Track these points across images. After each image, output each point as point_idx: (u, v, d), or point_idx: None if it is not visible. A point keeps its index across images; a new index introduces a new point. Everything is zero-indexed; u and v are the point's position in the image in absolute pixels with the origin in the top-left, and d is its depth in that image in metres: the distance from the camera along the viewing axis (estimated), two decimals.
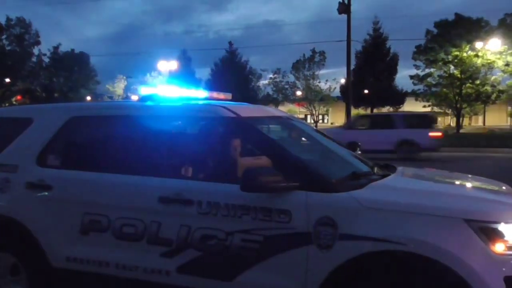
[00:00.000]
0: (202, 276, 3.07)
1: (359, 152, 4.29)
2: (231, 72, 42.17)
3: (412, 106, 60.08)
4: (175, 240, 3.10)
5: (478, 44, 35.55)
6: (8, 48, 47.78)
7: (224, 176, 3.24)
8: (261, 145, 3.23)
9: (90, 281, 3.42)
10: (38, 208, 3.49)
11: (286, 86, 48.78)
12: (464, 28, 38.47)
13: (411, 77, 42.86)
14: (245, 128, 3.30)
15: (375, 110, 46.91)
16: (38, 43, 49.33)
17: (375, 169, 3.63)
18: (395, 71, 43.74)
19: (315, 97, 47.18)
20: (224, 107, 3.39)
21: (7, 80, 46.09)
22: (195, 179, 3.32)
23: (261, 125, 3.45)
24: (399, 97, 44.11)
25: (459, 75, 39.48)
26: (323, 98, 47.74)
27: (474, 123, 69.85)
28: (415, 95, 44.64)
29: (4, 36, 47.67)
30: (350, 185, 2.93)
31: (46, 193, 3.49)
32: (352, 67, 28.21)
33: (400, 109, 50.19)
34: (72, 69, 51.35)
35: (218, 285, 3.03)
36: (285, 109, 46.40)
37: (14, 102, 47.34)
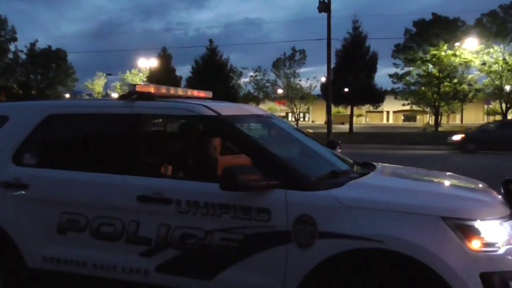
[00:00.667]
0: (181, 275, 3.05)
1: (339, 151, 4.31)
2: (211, 70, 41.95)
3: (391, 105, 60.93)
4: (154, 239, 3.08)
5: (456, 43, 36.20)
6: None
7: (204, 174, 3.22)
8: (241, 144, 3.21)
9: (67, 281, 3.37)
10: (14, 207, 3.42)
11: (267, 84, 48.86)
12: (441, 27, 39.16)
13: (390, 75, 43.42)
14: (225, 126, 3.29)
15: (355, 108, 47.41)
16: (14, 39, 48.25)
17: (355, 167, 3.67)
18: (374, 70, 44.14)
19: (295, 95, 47.36)
20: (205, 106, 3.37)
21: None
22: (175, 178, 3.30)
23: (242, 124, 3.44)
24: (378, 96, 44.58)
25: (437, 74, 40.18)
26: (304, 96, 47.97)
27: (452, 121, 71.21)
28: (394, 93, 45.23)
29: None
30: (329, 184, 2.94)
31: (22, 192, 3.42)
32: (332, 65, 28.39)
33: (380, 107, 50.90)
34: (49, 66, 50.32)
35: (198, 284, 3.02)
36: (266, 107, 46.55)
37: None
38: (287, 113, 54.76)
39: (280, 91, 48.32)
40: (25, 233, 3.40)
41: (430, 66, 40.63)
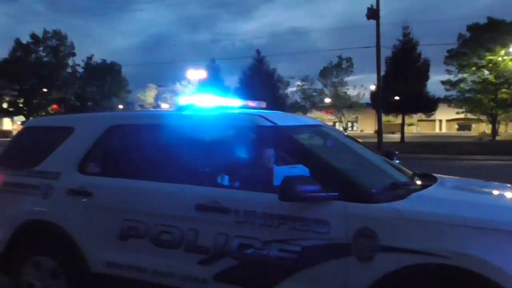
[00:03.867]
0: (238, 285, 3.06)
1: (397, 161, 4.19)
2: (259, 80, 42.28)
3: (444, 113, 58.81)
4: (212, 248, 3.11)
5: None
6: (45, 59, 49.58)
7: (261, 185, 3.22)
8: (298, 154, 3.20)
9: (128, 287, 3.46)
10: (79, 214, 3.57)
11: (314, 93, 48.61)
12: (497, 31, 37.44)
13: (443, 82, 42.00)
14: (282, 137, 3.29)
15: (406, 117, 46.12)
16: (73, 54, 51.02)
17: (415, 179, 3.55)
18: (426, 77, 42.80)
19: (343, 104, 46.78)
20: (261, 116, 3.39)
21: (44, 89, 47.78)
22: (232, 188, 3.33)
23: (298, 134, 3.43)
24: (431, 104, 43.14)
25: (493, 80, 38.41)
26: (352, 105, 47.30)
27: (511, 130, 67.68)
28: (448, 101, 43.65)
29: (41, 48, 49.52)
30: (391, 196, 2.87)
31: (87, 200, 3.56)
32: (381, 73, 27.81)
33: (432, 116, 49.24)
34: (104, 79, 52.69)
35: None
36: (313, 116, 46.19)
37: (50, 111, 48.94)
38: (334, 123, 54.04)
39: (327, 100, 47.92)
40: (89, 238, 3.53)
41: (486, 72, 38.94)
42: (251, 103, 4.12)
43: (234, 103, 3.94)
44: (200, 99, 3.70)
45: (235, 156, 3.53)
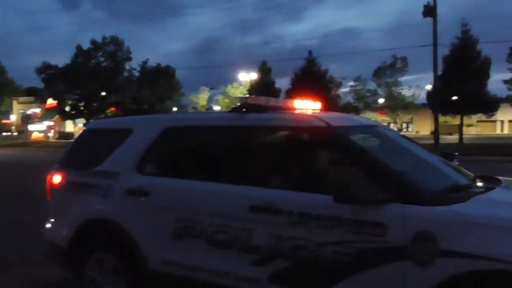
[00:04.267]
0: (292, 286, 3.05)
1: (457, 163, 4.01)
2: (310, 81, 41.99)
3: (506, 113, 55.68)
4: (266, 248, 3.12)
5: None
6: (103, 64, 51.97)
7: (315, 186, 3.20)
8: (353, 156, 3.14)
9: (184, 285, 3.53)
10: (138, 212, 3.69)
11: (367, 94, 47.68)
12: None
13: (505, 81, 39.80)
14: (337, 138, 3.24)
15: (464, 118, 44.13)
16: (129, 59, 53.07)
17: (477, 181, 3.39)
18: (487, 76, 40.68)
19: (397, 105, 45.54)
20: (316, 117, 3.36)
21: (103, 93, 50.08)
22: (286, 189, 3.32)
23: (353, 135, 3.37)
24: (492, 104, 40.94)
25: None
26: (406, 106, 45.95)
27: None
28: (510, 101, 41.34)
29: (100, 54, 51.96)
30: (452, 198, 2.76)
31: (145, 199, 3.68)
32: (438, 72, 26.78)
33: (493, 116, 46.77)
34: (159, 82, 54.35)
35: None
36: (367, 117, 45.15)
37: (109, 114, 51.20)
38: (388, 123, 52.63)
39: (381, 100, 46.85)
40: (147, 236, 3.64)
41: None
42: (305, 104, 4.08)
43: (288, 104, 3.92)
44: (253, 101, 3.72)
45: (289, 157, 3.52)
